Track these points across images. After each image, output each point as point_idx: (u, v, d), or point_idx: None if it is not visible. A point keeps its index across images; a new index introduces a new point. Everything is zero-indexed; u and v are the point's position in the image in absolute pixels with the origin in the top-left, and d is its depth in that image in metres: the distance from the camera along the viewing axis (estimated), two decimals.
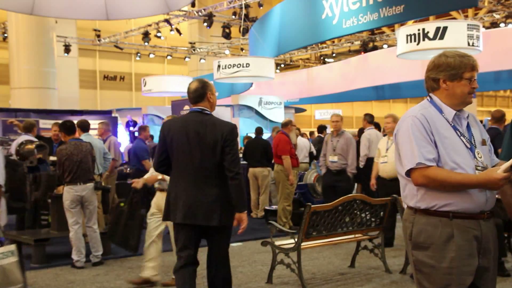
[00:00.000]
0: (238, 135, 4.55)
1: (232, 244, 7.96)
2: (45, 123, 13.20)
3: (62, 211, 7.41)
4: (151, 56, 28.34)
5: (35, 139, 8.58)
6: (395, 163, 6.81)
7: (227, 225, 4.28)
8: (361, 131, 11.03)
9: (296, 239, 5.69)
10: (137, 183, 5.87)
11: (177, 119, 4.64)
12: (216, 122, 4.32)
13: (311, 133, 18.48)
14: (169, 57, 29.66)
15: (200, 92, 4.38)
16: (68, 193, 6.78)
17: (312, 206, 5.62)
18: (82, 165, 6.84)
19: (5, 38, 23.16)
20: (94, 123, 10.73)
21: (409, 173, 2.83)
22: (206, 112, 4.38)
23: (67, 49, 24.51)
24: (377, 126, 11.39)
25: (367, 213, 6.21)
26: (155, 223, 5.88)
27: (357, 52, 26.17)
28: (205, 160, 4.23)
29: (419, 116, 2.84)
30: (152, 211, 5.87)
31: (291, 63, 32.01)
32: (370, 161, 10.42)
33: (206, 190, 4.22)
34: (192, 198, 4.22)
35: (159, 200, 5.75)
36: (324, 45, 26.65)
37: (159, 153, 4.40)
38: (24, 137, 8.56)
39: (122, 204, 6.32)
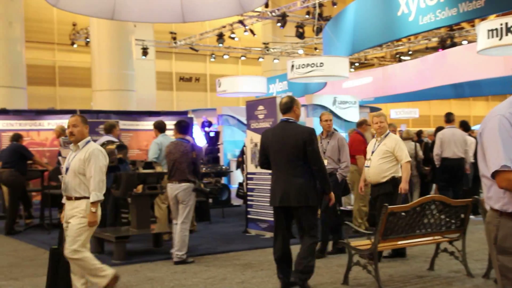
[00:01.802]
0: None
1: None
2: (125, 124, 13.63)
3: (142, 209, 7.64)
4: (225, 57, 28.68)
5: (116, 140, 8.87)
6: (378, 168, 6.43)
7: (310, 205, 5.48)
8: (438, 130, 10.75)
9: (372, 241, 5.59)
10: None
11: (272, 128, 6.02)
12: (298, 128, 5.57)
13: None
14: (243, 58, 29.92)
15: (289, 105, 5.62)
16: (168, 189, 7.13)
17: (389, 207, 5.51)
18: (176, 164, 7.03)
19: (87, 43, 24.13)
20: (171, 123, 10.96)
21: (494, 175, 2.69)
22: (291, 121, 5.61)
23: (144, 52, 25.21)
24: (464, 126, 11.03)
25: (446, 214, 6.02)
26: None
27: (434, 49, 25.44)
28: (291, 158, 5.46)
29: (508, 116, 2.69)
30: None
31: (365, 61, 31.54)
32: (444, 161, 10.15)
33: (293, 180, 5.44)
34: (284, 187, 5.47)
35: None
36: (399, 43, 26.07)
37: (261, 154, 5.76)
38: (105, 138, 8.87)
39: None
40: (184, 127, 7.41)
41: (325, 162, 7.21)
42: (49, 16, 29.93)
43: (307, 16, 20.86)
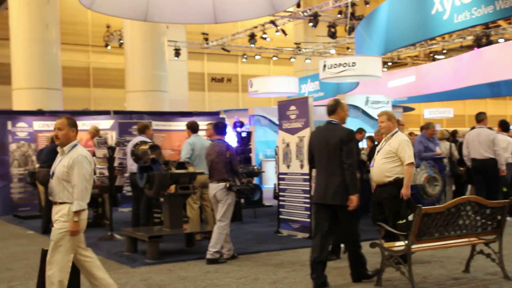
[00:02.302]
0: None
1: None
2: (157, 125, 13.77)
3: (174, 209, 7.69)
4: (257, 57, 28.70)
5: (149, 140, 8.96)
6: (380, 168, 6.19)
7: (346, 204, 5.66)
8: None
9: (406, 242, 5.52)
10: None
11: (317, 129, 6.33)
12: (337, 129, 5.85)
13: (411, 133, 17.92)
14: (274, 58, 29.90)
15: (333, 108, 5.98)
16: (209, 189, 7.31)
17: (423, 208, 5.44)
18: (213, 165, 7.21)
19: (121, 45, 24.44)
20: (203, 124, 11.03)
21: None
22: (333, 122, 5.94)
23: (177, 53, 25.42)
24: (502, 125, 10.80)
25: (482, 215, 5.90)
26: None
27: (469, 47, 25.01)
28: (330, 157, 5.78)
29: None
30: None
31: (398, 61, 31.21)
32: (473, 162, 9.97)
33: (331, 179, 5.74)
34: (323, 185, 5.79)
35: None
36: (433, 42, 25.72)
37: (309, 154, 6.15)
38: (138, 138, 8.97)
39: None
40: (220, 128, 7.53)
41: None
42: (84, 19, 30.41)
43: (339, 16, 20.74)
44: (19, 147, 13.08)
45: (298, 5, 20.76)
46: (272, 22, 21.73)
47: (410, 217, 6.08)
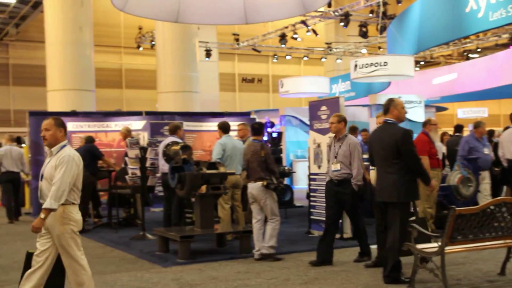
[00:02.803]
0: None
1: (372, 246, 7.80)
2: (189, 125, 13.86)
3: (206, 209, 7.73)
4: (288, 57, 28.67)
5: (180, 140, 9.02)
6: None
7: (401, 202, 5.87)
8: (505, 130, 10.39)
9: (439, 243, 5.44)
10: None
11: (376, 129, 6.51)
12: (392, 129, 5.98)
13: (444, 133, 17.65)
14: (305, 58, 29.83)
15: (387, 107, 6.10)
16: (248, 188, 7.42)
17: (457, 209, 5.35)
18: (250, 164, 7.39)
19: (152, 46, 24.68)
20: (234, 124, 11.06)
21: None
22: (389, 122, 6.05)
23: (208, 53, 25.55)
24: None
25: None
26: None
27: (505, 46, 24.55)
28: (385, 157, 5.95)
29: None
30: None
31: (431, 60, 30.80)
32: (509, 162, 9.76)
33: (387, 177, 5.92)
34: (380, 183, 6.01)
35: None
36: (467, 40, 25.31)
37: (368, 153, 6.40)
38: (170, 139, 9.04)
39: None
40: (256, 128, 7.67)
41: (338, 166, 6.97)
42: (117, 21, 30.83)
43: (370, 15, 20.59)
44: None
45: (329, 5, 20.66)
46: (303, 22, 21.68)
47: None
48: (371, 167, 7.28)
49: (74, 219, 4.82)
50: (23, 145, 17.07)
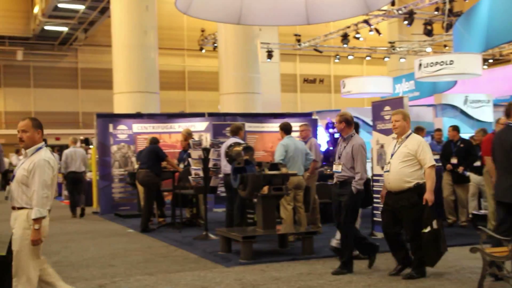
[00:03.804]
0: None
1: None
2: (250, 126, 13.92)
3: (268, 210, 7.74)
4: (350, 57, 28.38)
5: (242, 141, 9.07)
6: (399, 172, 5.77)
7: None
8: None
9: (510, 247, 5.23)
10: None
11: (498, 131, 6.55)
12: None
13: None
14: (368, 58, 29.45)
15: (508, 111, 5.97)
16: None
17: None
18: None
19: (215, 48, 24.98)
20: (296, 125, 11.02)
21: None
22: (510, 125, 5.92)
23: (269, 55, 25.61)
24: None
25: None
26: None
27: None
28: (504, 159, 5.86)
29: None
30: None
31: (500, 57, 29.75)
32: None
33: (505, 178, 5.82)
34: (504, 185, 5.84)
35: None
36: None
37: (492, 154, 6.24)
38: (232, 140, 9.11)
39: None
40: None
41: (339, 168, 6.56)
42: (180, 24, 31.39)
43: (436, 13, 20.09)
44: (119, 148, 13.67)
45: (393, 3, 20.34)
46: (366, 22, 21.41)
47: (435, 224, 5.83)
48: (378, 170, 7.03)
49: None
50: (90, 146, 17.64)
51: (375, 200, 9.23)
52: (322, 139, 16.85)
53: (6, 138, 29.04)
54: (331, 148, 14.77)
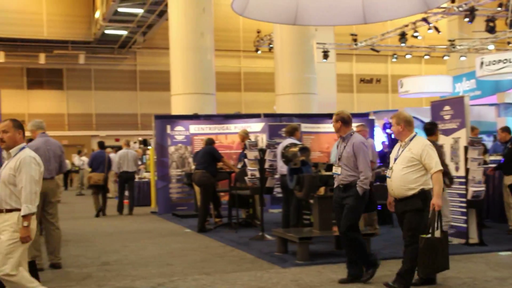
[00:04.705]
0: None
1: (500, 253, 7.38)
2: (306, 127, 13.87)
3: (324, 211, 7.68)
4: (408, 56, 27.87)
5: (299, 142, 9.04)
6: (402, 179, 5.37)
7: None
8: None
9: None
10: None
11: None
12: None
13: None
14: (426, 57, 28.83)
15: None
16: None
17: None
18: None
19: (271, 49, 25.02)
20: (352, 125, 10.88)
21: None
22: None
23: (325, 55, 25.46)
24: None
25: None
26: None
27: None
28: None
29: None
30: None
31: None
32: None
33: None
34: None
35: None
36: None
37: None
38: (288, 141, 9.09)
39: None
40: (427, 129, 7.68)
41: (339, 170, 6.19)
42: (236, 25, 31.64)
43: (499, 9, 19.45)
44: (177, 149, 13.88)
45: (453, 0, 19.82)
46: (424, 20, 20.96)
47: (437, 233, 5.38)
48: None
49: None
50: (148, 147, 18.00)
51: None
52: (379, 139, 16.62)
53: (69, 139, 30.02)
54: (386, 150, 14.56)
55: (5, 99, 8.22)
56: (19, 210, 4.55)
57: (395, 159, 5.69)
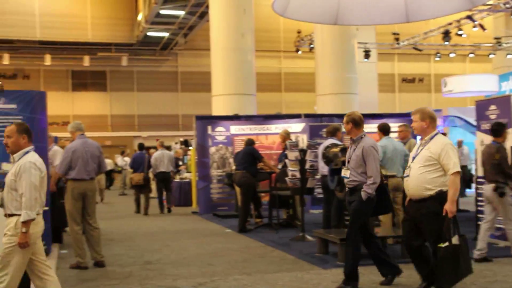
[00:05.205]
0: None
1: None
2: None
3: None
4: (452, 55, 27.36)
5: (340, 143, 8.98)
6: (419, 178, 5.11)
7: None
8: None
9: None
10: None
11: None
12: None
13: None
14: (471, 55, 28.26)
15: None
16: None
17: None
18: (484, 165, 7.65)
19: (311, 49, 24.93)
20: (394, 125, 10.75)
21: None
22: None
23: (367, 54, 25.22)
24: None
25: None
26: None
27: None
28: None
29: None
30: None
31: None
32: None
33: None
34: None
35: None
36: None
37: None
38: (329, 141, 9.04)
39: None
40: (494, 130, 7.50)
41: (347, 173, 6.02)
42: (276, 26, 31.66)
43: None
44: (217, 150, 13.97)
45: None
46: (469, 17, 20.54)
47: (455, 240, 5.06)
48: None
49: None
50: (190, 147, 18.16)
51: (479, 203, 8.83)
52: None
53: (112, 140, 30.58)
54: None
55: (51, 101, 8.41)
56: (17, 215, 4.53)
57: (414, 158, 5.45)
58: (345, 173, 6.10)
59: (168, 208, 14.66)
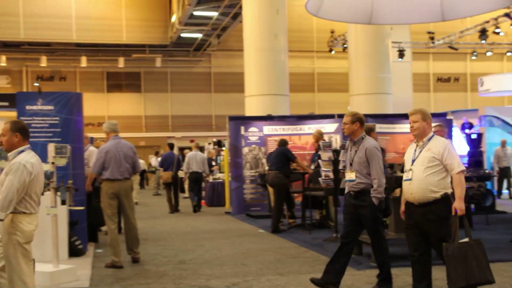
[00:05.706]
0: None
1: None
2: (381, 127, 13.64)
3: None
4: (488, 54, 26.85)
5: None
6: (424, 181, 4.93)
7: None
8: None
9: None
10: None
11: None
12: None
13: None
14: (508, 54, 27.70)
15: None
16: None
17: None
18: None
19: (344, 49, 24.78)
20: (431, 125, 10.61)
21: None
22: None
23: (401, 54, 24.95)
24: None
25: None
26: None
27: None
28: None
29: None
30: None
31: None
32: None
33: None
34: None
35: None
36: None
37: None
38: None
39: None
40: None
41: (353, 176, 5.85)
42: (309, 26, 31.57)
43: None
44: (250, 150, 14.00)
45: None
46: (507, 15, 20.14)
47: (468, 239, 4.91)
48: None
49: (22, 229, 4.51)
50: (223, 148, 18.24)
51: None
52: (458, 140, 16.12)
53: (146, 140, 30.90)
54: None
55: (86, 102, 8.61)
56: (12, 213, 4.47)
57: (413, 161, 5.26)
58: (350, 176, 5.94)
59: (193, 207, 14.91)
